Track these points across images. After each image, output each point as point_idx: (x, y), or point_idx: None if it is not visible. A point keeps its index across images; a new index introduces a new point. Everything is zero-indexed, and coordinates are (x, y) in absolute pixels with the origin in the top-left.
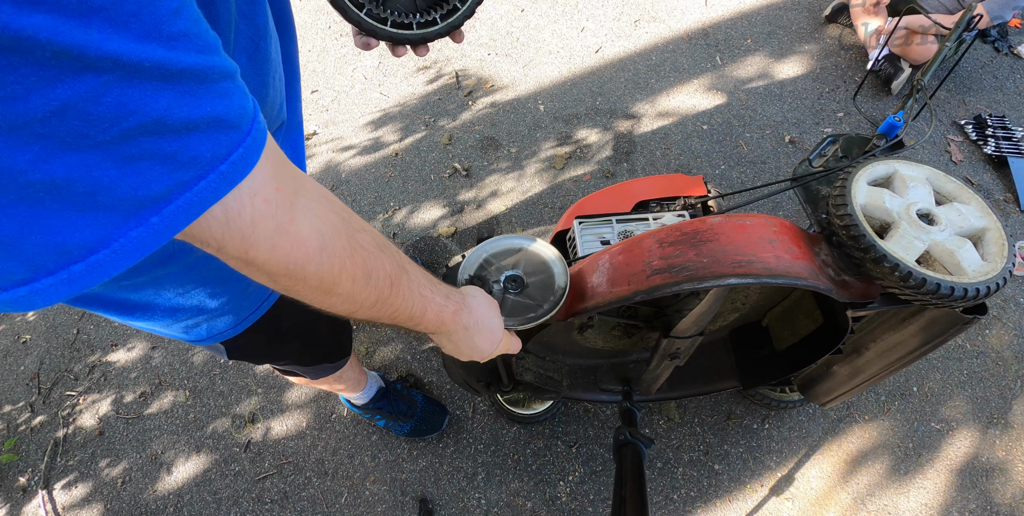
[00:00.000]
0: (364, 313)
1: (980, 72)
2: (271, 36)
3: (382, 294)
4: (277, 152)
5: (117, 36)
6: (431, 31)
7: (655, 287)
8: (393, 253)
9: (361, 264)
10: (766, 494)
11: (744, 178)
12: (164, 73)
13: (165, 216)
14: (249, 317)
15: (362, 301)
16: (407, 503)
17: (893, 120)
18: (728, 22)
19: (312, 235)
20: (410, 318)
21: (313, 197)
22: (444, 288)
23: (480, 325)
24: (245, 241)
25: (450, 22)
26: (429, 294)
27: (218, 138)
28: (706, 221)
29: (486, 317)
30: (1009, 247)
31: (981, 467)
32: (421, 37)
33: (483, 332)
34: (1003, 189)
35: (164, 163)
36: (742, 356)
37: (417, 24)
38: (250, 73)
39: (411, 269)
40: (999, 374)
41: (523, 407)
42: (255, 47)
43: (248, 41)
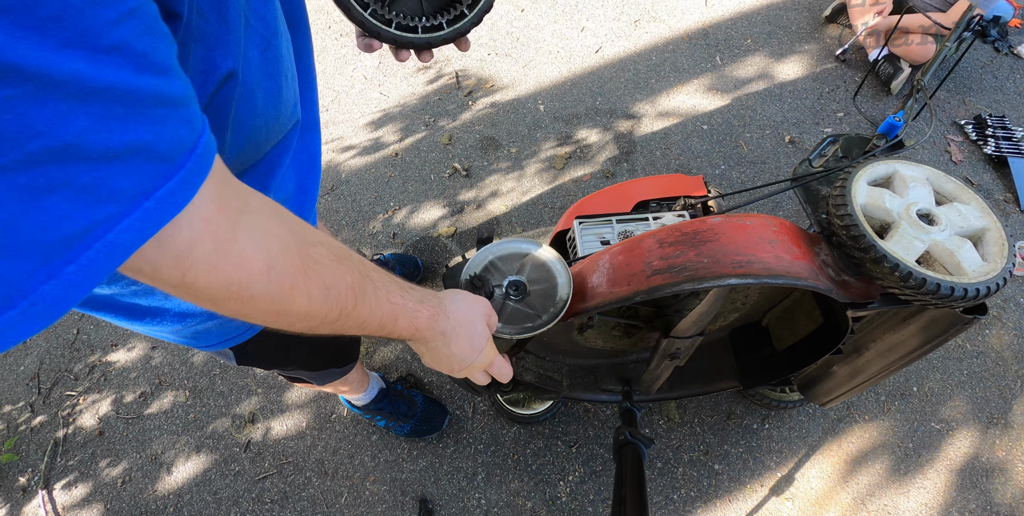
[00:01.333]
0: (327, 328)
1: (980, 72)
2: (282, 34)
3: (345, 307)
4: (222, 171)
5: (28, 42)
6: (436, 36)
7: (655, 287)
8: (355, 263)
9: (317, 280)
10: (766, 494)
11: (744, 178)
12: (83, 90)
13: (84, 265)
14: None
15: (323, 317)
16: (407, 503)
17: (893, 120)
18: (728, 22)
19: (258, 254)
20: (380, 327)
21: (261, 213)
22: (417, 293)
23: (459, 330)
24: (181, 264)
25: (456, 28)
26: (399, 300)
27: (143, 170)
28: (706, 221)
29: (467, 322)
30: (1009, 247)
31: (981, 467)
32: (425, 42)
33: (461, 338)
34: (1003, 189)
35: (78, 196)
36: (742, 356)
37: (422, 28)
38: (263, 72)
39: (377, 277)
40: (999, 374)
41: (523, 407)
42: (267, 45)
43: (260, 38)
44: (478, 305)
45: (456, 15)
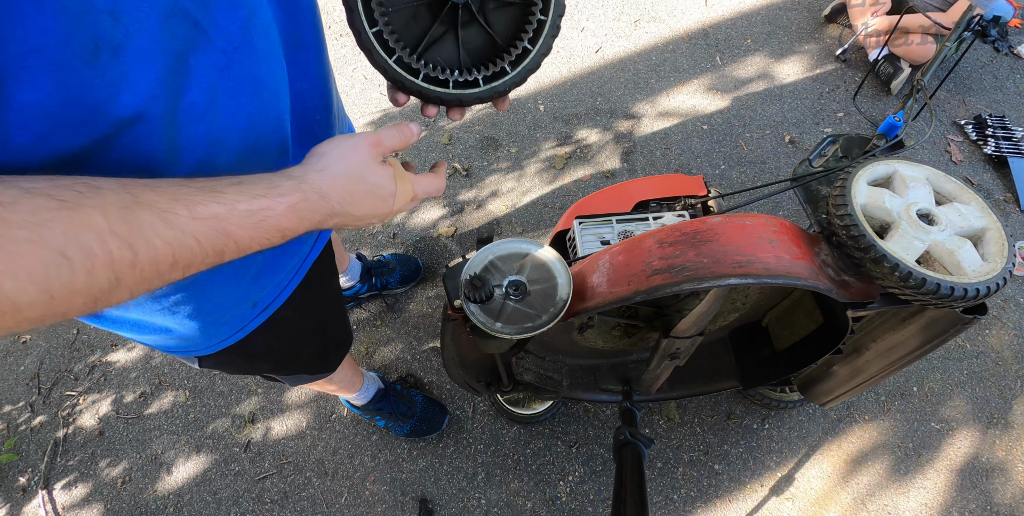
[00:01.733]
0: (119, 296)
1: (980, 72)
2: (256, 44)
3: (120, 260)
4: None
5: None
6: (469, 94)
7: (655, 287)
8: (102, 197)
9: (22, 258)
10: (766, 494)
11: (744, 178)
12: None
13: None
14: (221, 343)
15: (84, 290)
16: (407, 503)
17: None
18: (728, 22)
19: None
20: (216, 254)
21: None
22: (256, 185)
23: (350, 198)
24: None
25: (494, 87)
26: (220, 209)
27: None
28: (706, 221)
29: (352, 183)
30: (1009, 247)
31: (981, 467)
32: (456, 99)
33: (359, 202)
34: (1003, 189)
35: None
36: (742, 356)
37: (454, 82)
38: (224, 91)
39: (158, 197)
40: (999, 374)
41: (523, 407)
42: (227, 61)
43: (217, 55)
44: (355, 151)
45: (496, 72)
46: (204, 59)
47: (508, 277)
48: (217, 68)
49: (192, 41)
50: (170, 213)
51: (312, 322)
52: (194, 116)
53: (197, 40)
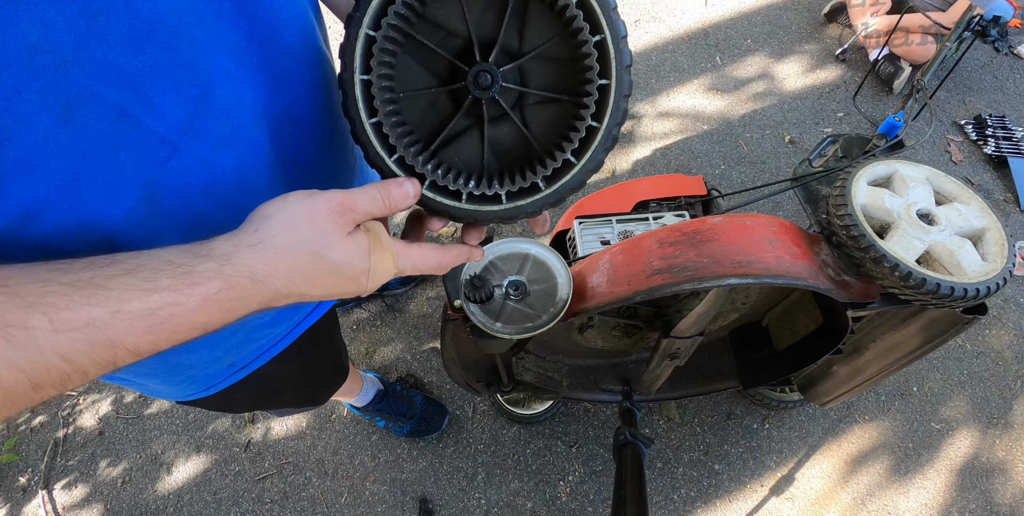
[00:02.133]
0: (24, 402)
1: (980, 72)
2: (207, 130)
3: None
4: None
5: None
6: (486, 211)
7: (655, 287)
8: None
9: None
10: (766, 494)
11: (744, 178)
12: None
13: None
14: (193, 395)
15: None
16: (407, 503)
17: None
18: (728, 22)
19: None
20: (100, 366)
21: None
22: (155, 275)
23: (307, 278)
24: None
25: (520, 206)
26: (99, 313)
27: None
28: (706, 221)
29: (306, 261)
30: (1009, 247)
31: (981, 467)
32: (470, 215)
33: (318, 283)
34: (1003, 189)
35: None
36: (742, 356)
37: (469, 195)
38: (169, 193)
39: (1, 304)
40: (999, 374)
41: (523, 407)
42: (170, 151)
43: (156, 145)
44: (311, 220)
45: (525, 187)
46: (138, 153)
47: (508, 277)
48: (156, 162)
49: (115, 135)
50: (18, 328)
51: (299, 372)
52: (127, 224)
53: (123, 132)
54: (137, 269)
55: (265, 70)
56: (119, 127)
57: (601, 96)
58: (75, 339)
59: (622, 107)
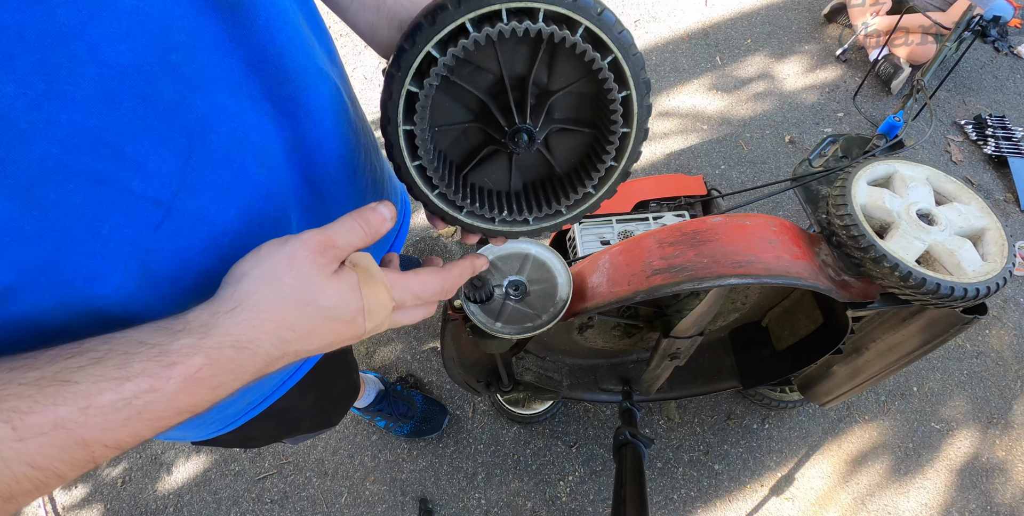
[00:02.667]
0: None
1: (980, 72)
2: (204, 183)
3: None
4: None
5: None
6: (516, 231)
7: (655, 287)
8: None
9: None
10: (766, 494)
11: (744, 178)
12: None
13: None
14: (211, 434)
15: None
16: (407, 503)
17: (893, 120)
18: (728, 22)
19: None
20: (76, 466)
21: None
22: (126, 361)
23: (300, 332)
24: None
25: (544, 226)
26: (67, 412)
27: None
28: (706, 221)
29: (295, 312)
30: (1009, 247)
31: (981, 467)
32: (501, 233)
33: (315, 334)
34: (1003, 189)
35: None
36: (742, 356)
37: (501, 220)
38: (163, 256)
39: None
40: (999, 374)
41: (523, 407)
42: (163, 216)
43: (148, 209)
44: (290, 268)
45: (549, 213)
46: (124, 222)
47: (508, 277)
48: (148, 228)
49: (94, 206)
50: (41, 411)
51: (315, 400)
52: (119, 298)
53: (104, 202)
54: (106, 356)
55: (266, 99)
56: (98, 197)
57: (622, 142)
58: (44, 444)
59: (639, 150)
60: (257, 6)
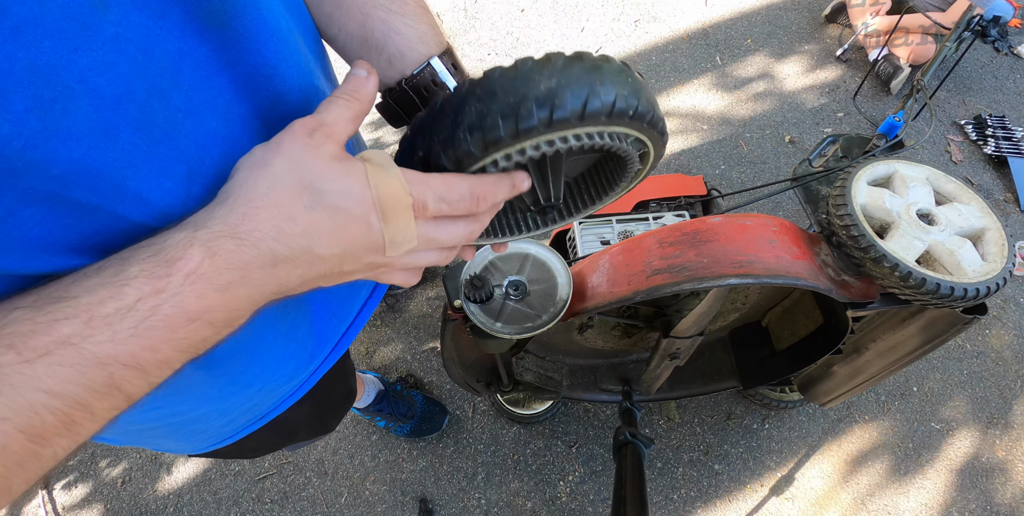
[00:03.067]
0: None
1: (980, 72)
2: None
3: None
4: None
5: None
6: (520, 236)
7: (655, 287)
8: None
9: None
10: (766, 494)
11: (744, 178)
12: None
13: None
14: (208, 447)
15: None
16: (407, 503)
17: (893, 120)
18: (728, 22)
19: None
20: (108, 397)
21: None
22: (122, 267)
23: (302, 224)
24: None
25: (549, 228)
26: (71, 328)
27: None
28: (706, 221)
29: (293, 198)
30: (1009, 247)
31: (981, 467)
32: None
33: (321, 229)
34: (1003, 189)
35: None
36: (742, 356)
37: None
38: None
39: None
40: (999, 374)
41: (523, 407)
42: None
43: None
44: (280, 149)
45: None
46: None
47: (508, 277)
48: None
49: (95, 237)
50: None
51: (312, 409)
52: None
53: (105, 235)
54: (103, 266)
55: (257, 120)
56: (96, 226)
57: (636, 175)
58: (52, 365)
59: (645, 176)
60: (247, 26)
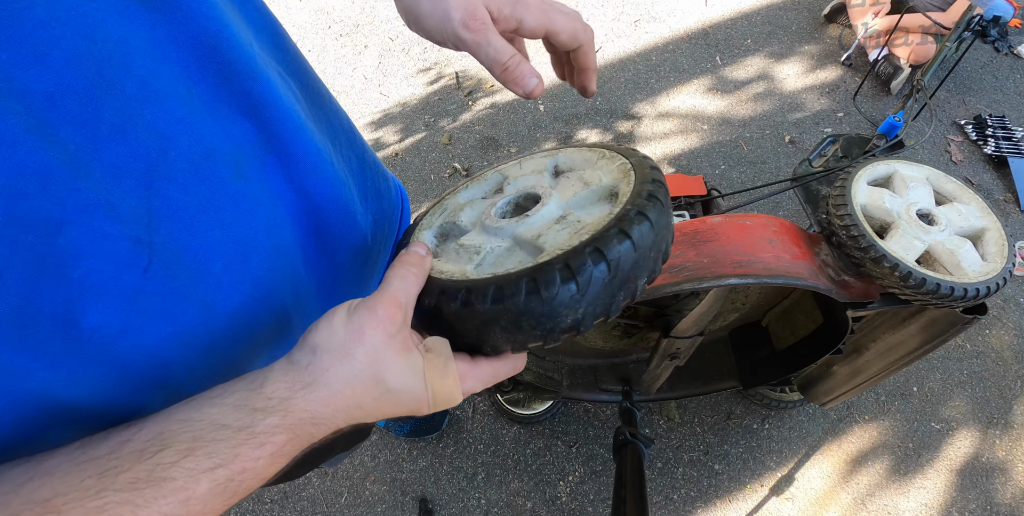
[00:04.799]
0: None
1: (980, 72)
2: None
3: None
4: None
5: None
6: None
7: (655, 287)
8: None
9: None
10: (766, 494)
11: (744, 178)
12: None
13: None
14: None
15: None
16: (407, 503)
17: (893, 120)
18: (728, 22)
19: None
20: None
21: None
22: (214, 447)
23: (367, 410)
24: None
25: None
26: (197, 487)
27: None
28: (706, 221)
29: (367, 389)
30: (1009, 247)
31: (981, 467)
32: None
33: (380, 411)
34: (1003, 189)
35: None
36: (742, 356)
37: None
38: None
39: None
40: (999, 374)
41: (523, 407)
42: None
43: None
44: (361, 340)
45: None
46: (103, 265)
47: None
48: (135, 269)
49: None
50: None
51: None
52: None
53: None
54: (195, 447)
55: (220, 101)
56: (64, 243)
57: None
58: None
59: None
60: (179, 3)
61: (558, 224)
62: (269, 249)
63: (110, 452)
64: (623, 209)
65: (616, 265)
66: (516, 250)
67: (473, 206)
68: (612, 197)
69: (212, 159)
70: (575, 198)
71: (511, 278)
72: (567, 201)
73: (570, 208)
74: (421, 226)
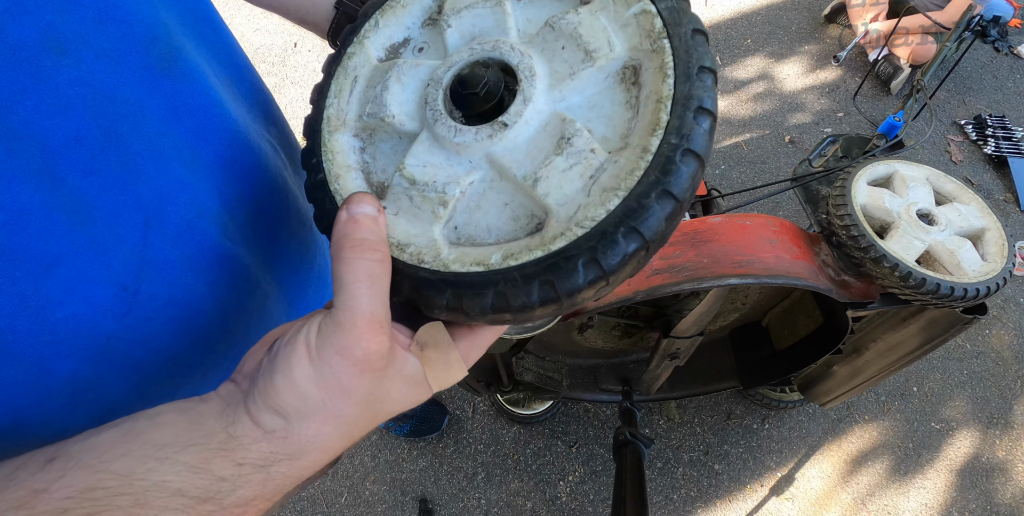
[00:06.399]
0: None
1: (980, 72)
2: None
3: None
4: None
5: None
6: None
7: (655, 287)
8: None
9: None
10: (766, 494)
11: (744, 178)
12: None
13: None
14: None
15: None
16: (407, 503)
17: (893, 120)
18: (728, 22)
19: None
20: None
21: None
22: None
23: (374, 420)
24: None
25: None
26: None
27: None
28: (706, 221)
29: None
30: (1009, 247)
31: (981, 467)
32: None
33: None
34: (1003, 189)
35: None
36: (742, 356)
37: None
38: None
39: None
40: (999, 374)
41: (523, 407)
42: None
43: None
44: (340, 401)
45: None
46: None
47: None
48: (113, 315)
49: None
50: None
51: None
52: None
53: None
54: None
55: (217, 166)
56: (53, 284)
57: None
58: None
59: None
60: (195, 75)
61: (559, 154)
62: (251, 310)
63: (17, 506)
64: (666, 142)
65: (653, 243)
66: (503, 194)
67: (400, 71)
68: (631, 86)
69: (204, 217)
70: (573, 84)
71: (515, 279)
72: (562, 90)
73: (571, 108)
74: (329, 120)
